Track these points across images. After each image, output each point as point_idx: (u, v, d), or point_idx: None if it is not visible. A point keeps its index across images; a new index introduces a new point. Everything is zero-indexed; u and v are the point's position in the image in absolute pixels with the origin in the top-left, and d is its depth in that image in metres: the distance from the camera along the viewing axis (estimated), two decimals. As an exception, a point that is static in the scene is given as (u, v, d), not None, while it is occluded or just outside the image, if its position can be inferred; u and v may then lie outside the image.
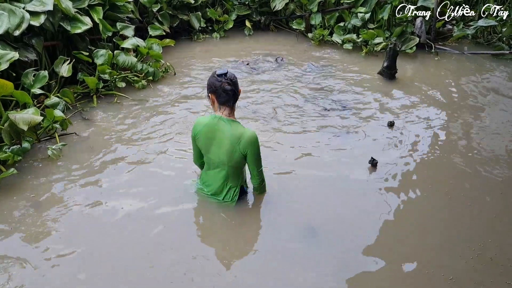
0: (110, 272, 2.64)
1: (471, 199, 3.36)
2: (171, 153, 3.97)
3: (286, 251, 2.81)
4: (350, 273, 2.63)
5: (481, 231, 3.00)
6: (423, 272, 2.65)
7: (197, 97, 5.28)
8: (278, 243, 2.88)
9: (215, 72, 2.81)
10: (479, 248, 2.84)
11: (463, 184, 3.55)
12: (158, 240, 2.89)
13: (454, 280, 2.58)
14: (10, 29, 4.22)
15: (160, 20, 7.03)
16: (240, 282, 2.57)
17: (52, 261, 2.71)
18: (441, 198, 3.39)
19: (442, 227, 3.05)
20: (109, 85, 5.31)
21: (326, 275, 2.61)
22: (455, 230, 3.02)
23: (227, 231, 2.99)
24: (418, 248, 2.85)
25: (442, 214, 3.20)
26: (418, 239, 2.94)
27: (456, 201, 3.34)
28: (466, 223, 3.09)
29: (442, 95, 5.36)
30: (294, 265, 2.69)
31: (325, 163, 3.84)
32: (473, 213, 3.19)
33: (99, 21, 5.38)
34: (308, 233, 2.97)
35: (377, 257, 2.76)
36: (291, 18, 8.21)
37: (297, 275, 2.62)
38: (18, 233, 2.95)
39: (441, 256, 2.77)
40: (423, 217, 3.17)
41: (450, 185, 3.53)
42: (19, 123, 3.48)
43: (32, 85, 4.26)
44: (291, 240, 2.91)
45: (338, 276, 2.61)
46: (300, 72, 6.13)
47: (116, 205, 3.23)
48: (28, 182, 3.52)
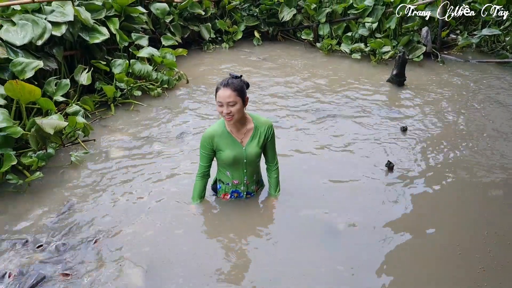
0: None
1: (482, 198, 3.44)
2: (188, 157, 4.06)
3: (304, 249, 2.88)
4: (367, 271, 2.71)
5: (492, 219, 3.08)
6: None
7: (210, 104, 5.39)
8: (296, 241, 2.95)
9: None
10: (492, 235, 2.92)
11: (476, 185, 3.63)
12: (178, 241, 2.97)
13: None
14: (33, 39, 4.34)
15: (172, 31, 7.20)
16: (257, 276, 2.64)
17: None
18: (456, 199, 3.47)
19: (457, 226, 3.13)
20: (125, 94, 5.44)
21: (341, 272, 2.69)
22: (468, 227, 3.10)
23: (245, 228, 3.07)
24: (437, 242, 2.93)
25: (457, 216, 3.27)
26: (436, 234, 3.01)
27: (469, 201, 3.42)
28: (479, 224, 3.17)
29: (451, 101, 5.47)
30: (311, 263, 2.76)
31: (343, 166, 3.93)
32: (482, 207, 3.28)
33: (116, 31, 5.53)
34: (326, 232, 3.05)
35: (394, 256, 2.84)
36: (298, 29, 8.38)
37: (314, 272, 2.69)
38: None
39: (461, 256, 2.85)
40: (440, 216, 3.25)
41: (464, 187, 3.61)
42: (45, 128, 3.58)
43: (55, 93, 4.38)
44: (310, 239, 2.98)
45: (357, 273, 2.68)
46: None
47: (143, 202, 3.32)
48: (53, 186, 3.61)
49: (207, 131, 2.96)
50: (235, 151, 2.96)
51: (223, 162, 3.02)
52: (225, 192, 3.25)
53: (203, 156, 3.03)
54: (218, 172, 3.20)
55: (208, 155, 3.01)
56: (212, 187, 3.34)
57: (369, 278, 2.65)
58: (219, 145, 2.95)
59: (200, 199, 3.21)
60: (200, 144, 3.00)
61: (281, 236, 3.00)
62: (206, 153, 3.00)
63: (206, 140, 2.95)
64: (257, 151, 3.01)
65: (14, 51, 4.25)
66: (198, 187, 3.17)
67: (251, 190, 3.28)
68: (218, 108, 2.80)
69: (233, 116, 2.79)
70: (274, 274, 2.66)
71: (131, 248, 2.88)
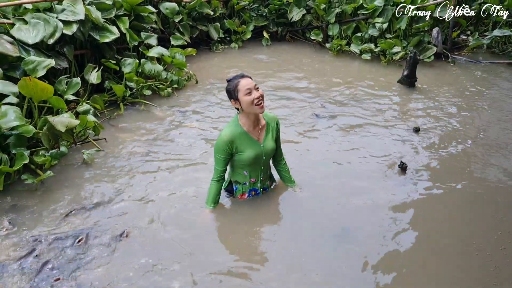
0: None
1: (496, 197, 3.40)
2: (198, 156, 4.04)
3: (315, 247, 2.85)
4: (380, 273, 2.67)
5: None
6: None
7: (219, 104, 5.37)
8: (307, 241, 2.92)
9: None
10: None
11: (489, 185, 3.58)
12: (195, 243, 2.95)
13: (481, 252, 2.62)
14: (45, 37, 4.34)
15: (181, 31, 7.19)
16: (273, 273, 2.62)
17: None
18: (468, 198, 3.43)
19: (469, 224, 3.08)
20: (134, 93, 5.42)
21: (357, 272, 2.65)
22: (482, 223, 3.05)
23: (256, 228, 3.04)
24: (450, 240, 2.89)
25: (469, 214, 3.23)
26: (448, 235, 2.97)
27: (482, 200, 3.38)
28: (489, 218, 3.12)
29: (463, 102, 5.42)
30: (324, 263, 2.73)
31: (355, 167, 3.89)
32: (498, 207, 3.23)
33: (126, 30, 5.52)
34: (337, 232, 3.01)
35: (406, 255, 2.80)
36: (307, 29, 8.35)
37: (326, 272, 2.66)
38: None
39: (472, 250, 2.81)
40: (454, 216, 3.20)
41: (477, 187, 3.57)
42: (57, 125, 3.56)
43: (66, 92, 4.37)
44: (322, 238, 2.95)
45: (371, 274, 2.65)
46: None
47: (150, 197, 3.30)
48: (66, 184, 3.59)
49: (224, 135, 2.90)
50: (256, 150, 2.97)
51: (243, 162, 3.00)
52: (242, 192, 3.23)
53: (220, 160, 2.97)
54: (232, 173, 3.17)
55: (226, 159, 2.97)
56: (227, 189, 3.31)
57: (382, 277, 2.61)
58: (239, 147, 2.93)
59: (214, 204, 3.14)
60: (217, 149, 2.94)
61: (293, 234, 2.97)
62: (223, 157, 2.96)
63: (226, 144, 2.89)
64: (273, 146, 3.07)
65: (26, 49, 4.25)
66: (213, 191, 3.10)
67: (266, 186, 3.32)
68: (247, 97, 2.79)
69: (263, 101, 2.83)
70: (286, 270, 2.64)
71: (144, 247, 2.86)
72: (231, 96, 2.88)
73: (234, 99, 2.86)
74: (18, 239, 2.93)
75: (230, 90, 2.86)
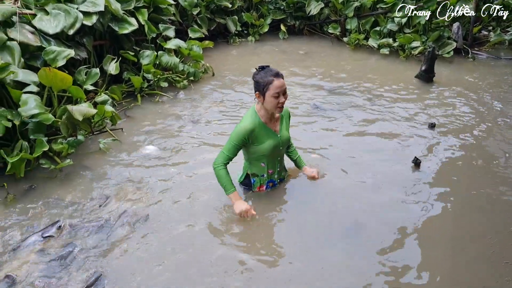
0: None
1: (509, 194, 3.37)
2: (213, 148, 4.09)
3: (328, 242, 2.87)
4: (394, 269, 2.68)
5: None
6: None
7: (235, 97, 5.40)
8: (321, 237, 2.94)
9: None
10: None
11: (506, 182, 3.54)
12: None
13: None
14: (65, 28, 4.42)
15: (199, 23, 7.23)
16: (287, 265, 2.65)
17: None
18: (485, 195, 3.39)
19: (487, 221, 3.06)
20: (151, 85, 5.49)
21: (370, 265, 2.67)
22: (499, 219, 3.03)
23: (270, 223, 3.07)
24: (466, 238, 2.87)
25: (487, 210, 3.20)
26: (464, 231, 2.95)
27: (498, 197, 3.34)
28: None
29: (480, 99, 5.34)
30: (334, 256, 2.75)
31: (369, 160, 3.89)
32: None
33: (144, 22, 5.58)
34: (350, 226, 3.02)
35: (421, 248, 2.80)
36: (325, 23, 8.30)
37: (337, 266, 2.68)
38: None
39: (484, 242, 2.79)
40: (467, 213, 3.18)
41: (492, 184, 3.53)
42: (75, 114, 3.64)
43: (85, 82, 4.45)
44: (335, 234, 2.96)
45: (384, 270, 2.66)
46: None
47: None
48: (83, 173, 3.68)
49: (248, 124, 2.92)
50: (274, 141, 3.03)
51: (261, 153, 3.03)
52: (260, 184, 3.25)
53: (234, 147, 2.97)
54: (249, 166, 3.18)
55: (240, 147, 2.99)
56: (244, 182, 3.30)
57: (392, 274, 2.62)
58: (258, 138, 2.96)
59: (233, 186, 3.01)
60: (236, 136, 2.94)
61: (306, 228, 3.00)
62: (239, 145, 2.97)
63: (246, 133, 2.92)
64: (288, 135, 3.18)
65: (47, 39, 4.34)
66: (225, 175, 2.99)
67: (282, 176, 3.38)
68: (274, 99, 2.84)
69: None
70: (298, 266, 2.67)
71: (163, 236, 2.93)
72: (259, 89, 2.87)
73: (261, 93, 2.87)
74: (40, 221, 3.03)
75: (260, 84, 2.84)
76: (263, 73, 2.86)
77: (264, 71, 2.87)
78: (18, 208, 3.21)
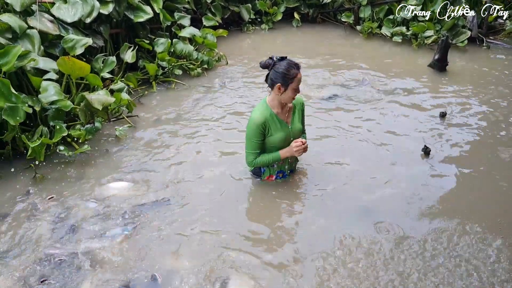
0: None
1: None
2: (227, 134, 4.19)
3: (337, 226, 2.96)
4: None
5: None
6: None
7: (248, 87, 5.47)
8: (333, 223, 3.03)
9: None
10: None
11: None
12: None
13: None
14: (83, 16, 4.53)
15: (213, 11, 7.28)
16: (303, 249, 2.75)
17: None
18: (494, 182, 3.44)
19: (497, 208, 3.11)
20: (166, 72, 5.59)
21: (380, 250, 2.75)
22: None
23: (282, 210, 3.17)
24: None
25: (496, 198, 3.24)
26: (475, 219, 3.01)
27: (508, 186, 3.39)
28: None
29: (494, 89, 5.32)
30: (342, 240, 2.83)
31: (378, 148, 3.95)
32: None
33: (159, 10, 5.66)
34: (362, 213, 3.11)
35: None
36: (339, 11, 8.28)
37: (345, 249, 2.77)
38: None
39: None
40: (478, 202, 3.23)
41: (503, 171, 3.56)
42: (94, 103, 3.77)
43: (102, 70, 4.57)
44: (346, 219, 3.05)
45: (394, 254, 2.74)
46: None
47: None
48: (99, 159, 3.82)
49: (257, 118, 2.95)
50: (285, 132, 3.05)
51: (272, 144, 3.06)
52: (270, 174, 3.32)
53: (256, 143, 3.02)
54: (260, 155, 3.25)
55: (261, 141, 3.02)
56: (254, 170, 3.37)
57: (400, 261, 2.70)
58: (270, 129, 3.00)
59: (276, 151, 3.08)
60: (251, 134, 2.98)
61: (317, 214, 3.09)
62: (259, 140, 3.01)
63: (260, 127, 2.95)
64: (300, 127, 3.17)
65: (65, 28, 4.45)
66: (263, 157, 3.08)
67: (293, 167, 3.42)
68: (293, 93, 2.90)
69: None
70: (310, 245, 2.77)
71: (184, 221, 3.05)
72: (283, 81, 2.83)
73: (284, 85, 2.84)
74: (57, 203, 3.18)
75: (286, 76, 2.82)
76: (285, 64, 2.82)
77: (285, 62, 2.84)
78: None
